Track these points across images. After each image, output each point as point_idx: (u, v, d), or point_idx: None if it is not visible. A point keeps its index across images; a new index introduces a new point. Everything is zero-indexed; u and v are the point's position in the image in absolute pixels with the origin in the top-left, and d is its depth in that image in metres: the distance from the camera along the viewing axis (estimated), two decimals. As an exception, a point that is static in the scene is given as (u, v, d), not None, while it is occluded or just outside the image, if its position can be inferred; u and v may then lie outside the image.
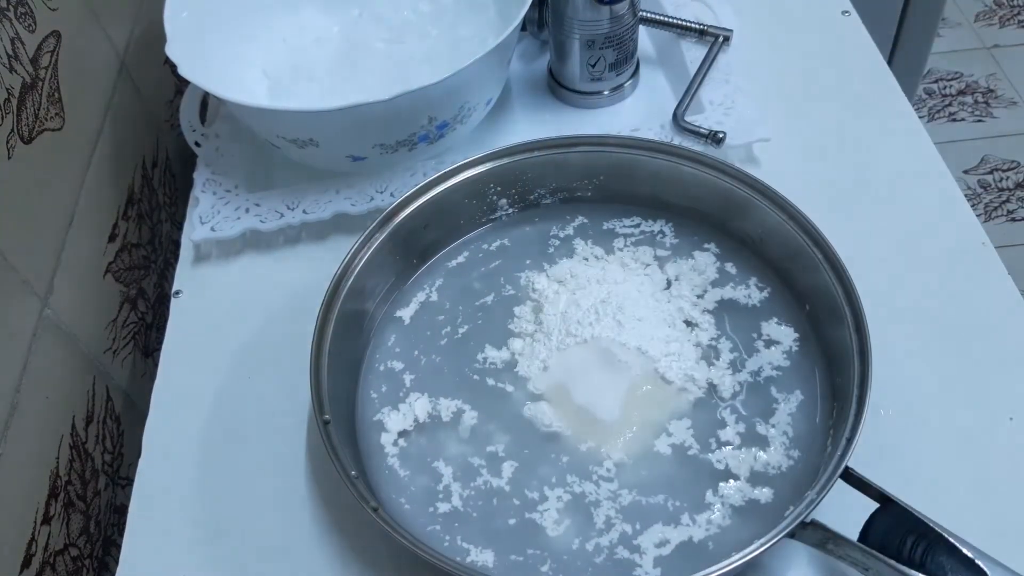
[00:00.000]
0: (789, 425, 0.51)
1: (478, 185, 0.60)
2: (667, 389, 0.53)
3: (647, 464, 0.51)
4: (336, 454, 0.47)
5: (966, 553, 0.41)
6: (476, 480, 0.51)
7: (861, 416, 0.46)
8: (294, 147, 0.64)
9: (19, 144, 0.54)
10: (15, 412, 0.50)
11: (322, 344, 0.52)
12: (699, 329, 0.56)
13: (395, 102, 0.57)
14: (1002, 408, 0.53)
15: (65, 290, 0.57)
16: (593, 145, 0.60)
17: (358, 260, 0.56)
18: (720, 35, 0.73)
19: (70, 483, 0.55)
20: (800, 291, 0.56)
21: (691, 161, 0.58)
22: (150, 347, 0.69)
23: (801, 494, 0.46)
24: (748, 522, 0.48)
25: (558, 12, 0.68)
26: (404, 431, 0.53)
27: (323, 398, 0.50)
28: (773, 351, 0.54)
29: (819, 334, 0.54)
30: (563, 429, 0.52)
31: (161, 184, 0.76)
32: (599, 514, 0.49)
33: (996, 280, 0.59)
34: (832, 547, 0.44)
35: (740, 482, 0.49)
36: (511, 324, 0.57)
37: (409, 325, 0.58)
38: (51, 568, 0.52)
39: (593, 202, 0.63)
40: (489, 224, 0.63)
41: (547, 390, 0.54)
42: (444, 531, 0.49)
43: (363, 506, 0.45)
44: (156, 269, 0.73)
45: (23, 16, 0.56)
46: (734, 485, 0.49)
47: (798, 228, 0.54)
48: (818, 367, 0.53)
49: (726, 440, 0.51)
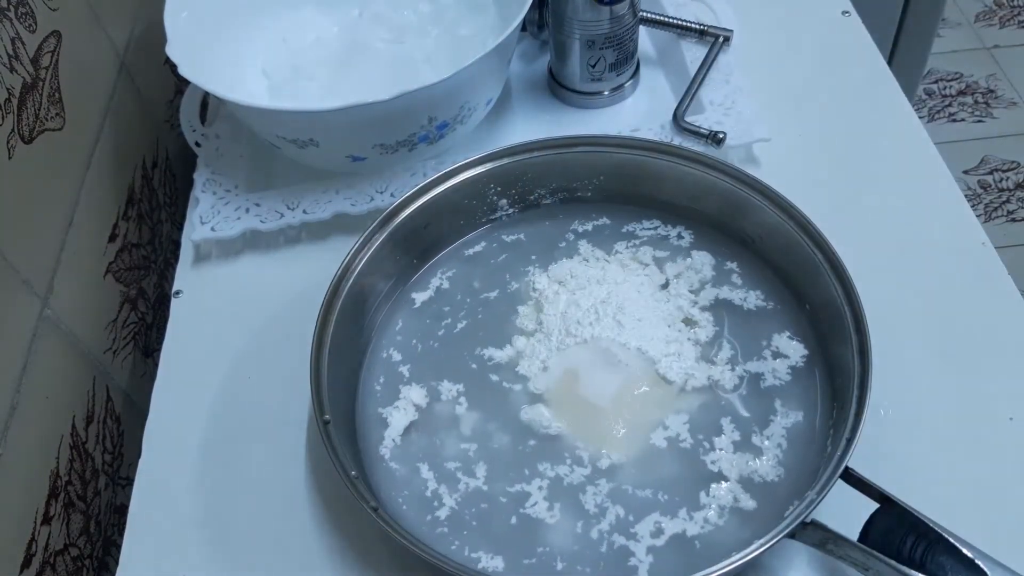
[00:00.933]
0: (786, 429, 0.51)
1: (478, 185, 0.60)
2: (668, 388, 0.53)
3: (646, 464, 0.51)
4: (336, 454, 0.47)
5: (966, 553, 0.41)
6: (471, 481, 0.51)
7: (861, 417, 0.46)
8: (294, 147, 0.64)
9: (19, 144, 0.54)
10: (15, 412, 0.50)
11: (322, 344, 0.52)
12: (698, 328, 0.56)
13: (395, 102, 0.57)
14: (1002, 408, 0.53)
15: (65, 290, 0.57)
16: (593, 145, 0.60)
17: (358, 260, 0.56)
18: (720, 35, 0.73)
19: (70, 483, 0.55)
20: (799, 291, 0.56)
21: (691, 161, 0.58)
22: (150, 347, 0.70)
23: (795, 498, 0.46)
24: (746, 522, 0.48)
25: (558, 12, 0.68)
26: (405, 429, 0.53)
27: (323, 398, 0.50)
28: (772, 350, 0.54)
29: (818, 334, 0.54)
30: (562, 430, 0.52)
31: (161, 184, 0.76)
32: (590, 503, 0.49)
33: (996, 280, 0.59)
34: (832, 547, 0.44)
35: (731, 483, 0.49)
36: (513, 322, 0.57)
37: (409, 325, 0.58)
38: (51, 568, 0.52)
39: (593, 202, 0.63)
40: (489, 224, 0.63)
41: (546, 390, 0.54)
42: (451, 534, 0.49)
43: (363, 505, 0.45)
44: (156, 269, 0.73)
45: (24, 16, 0.56)
46: (726, 486, 0.49)
47: (797, 228, 0.55)
48: (818, 367, 0.53)
49: (721, 446, 0.51)
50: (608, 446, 0.51)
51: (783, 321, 0.56)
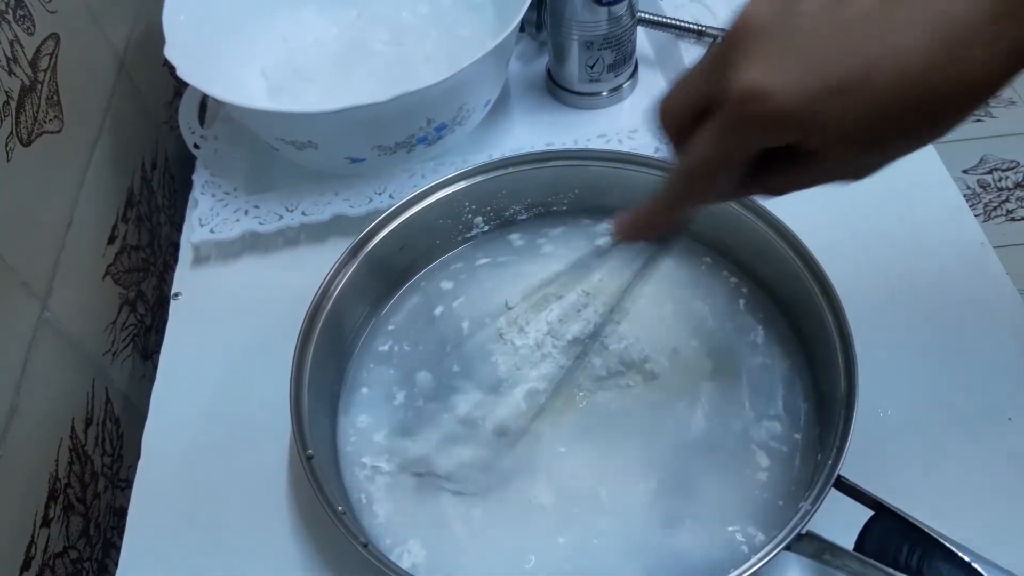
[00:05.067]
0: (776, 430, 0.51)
1: (453, 204, 0.60)
2: (658, 392, 0.53)
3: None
4: (321, 489, 0.46)
5: (963, 557, 0.41)
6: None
7: (850, 423, 0.45)
8: (293, 149, 0.64)
9: (18, 146, 0.54)
10: (14, 414, 0.50)
11: (301, 376, 0.51)
12: (682, 331, 0.55)
13: (394, 104, 0.57)
14: (1001, 409, 0.53)
15: (64, 292, 0.57)
16: (567, 159, 0.60)
17: (335, 286, 0.55)
18: (718, 36, 0.73)
19: (69, 485, 0.55)
20: (781, 297, 0.55)
21: (665, 172, 0.58)
22: (149, 349, 0.70)
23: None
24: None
25: (556, 13, 0.68)
26: (390, 459, 0.52)
27: (305, 433, 0.49)
28: (753, 353, 0.54)
29: (802, 338, 0.54)
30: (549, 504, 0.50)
31: (160, 186, 0.76)
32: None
33: (995, 280, 0.59)
34: (829, 557, 0.43)
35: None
36: (490, 350, 0.55)
37: (389, 351, 0.57)
38: (51, 570, 0.52)
39: (569, 215, 0.62)
40: (465, 244, 0.62)
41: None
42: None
43: (353, 543, 0.44)
44: (155, 271, 0.73)
45: (22, 18, 0.56)
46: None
47: (772, 231, 0.54)
48: (800, 376, 0.53)
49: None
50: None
51: (768, 331, 0.55)
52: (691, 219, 0.41)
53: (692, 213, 0.40)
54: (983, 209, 1.60)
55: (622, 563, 0.47)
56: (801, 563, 0.48)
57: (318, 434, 0.50)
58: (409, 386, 0.55)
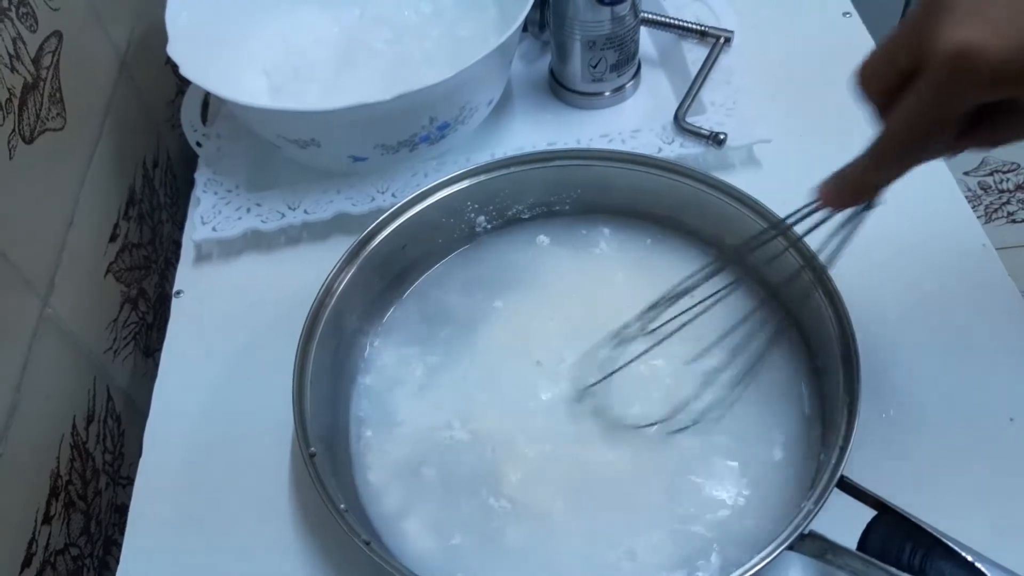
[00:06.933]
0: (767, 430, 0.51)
1: (455, 203, 0.59)
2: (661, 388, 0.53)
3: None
4: (324, 487, 0.46)
5: (966, 557, 0.41)
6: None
7: (853, 424, 0.45)
8: (295, 147, 0.64)
9: (21, 144, 0.54)
10: (16, 412, 0.50)
11: (304, 374, 0.51)
12: (683, 330, 0.55)
13: (396, 102, 0.57)
14: (1002, 409, 0.53)
15: (66, 290, 0.57)
16: (570, 159, 0.60)
17: (337, 285, 0.55)
18: (721, 36, 0.73)
19: (71, 483, 0.55)
20: (783, 298, 0.55)
21: (667, 171, 0.58)
22: (151, 347, 0.69)
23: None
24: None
25: (559, 13, 0.68)
26: (394, 452, 0.52)
27: (307, 430, 0.49)
28: (756, 352, 0.53)
29: (807, 342, 0.54)
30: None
31: (162, 184, 0.76)
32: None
33: (996, 282, 0.59)
34: (831, 557, 0.43)
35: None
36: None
37: (392, 348, 0.57)
38: (51, 568, 0.52)
39: (571, 215, 0.62)
40: (468, 243, 0.62)
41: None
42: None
43: (354, 540, 0.44)
44: (157, 269, 0.73)
45: (25, 16, 0.56)
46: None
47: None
48: (804, 382, 0.53)
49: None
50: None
51: (769, 331, 0.55)
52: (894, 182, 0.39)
53: (900, 175, 0.39)
54: (984, 211, 1.60)
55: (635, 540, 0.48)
56: (804, 562, 0.48)
57: (320, 432, 0.50)
58: (411, 384, 0.55)
